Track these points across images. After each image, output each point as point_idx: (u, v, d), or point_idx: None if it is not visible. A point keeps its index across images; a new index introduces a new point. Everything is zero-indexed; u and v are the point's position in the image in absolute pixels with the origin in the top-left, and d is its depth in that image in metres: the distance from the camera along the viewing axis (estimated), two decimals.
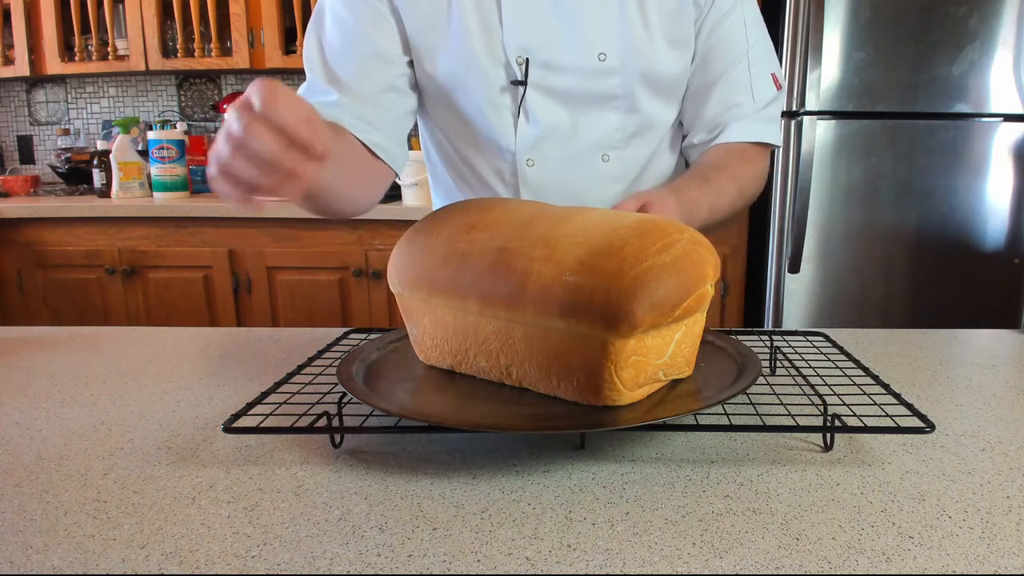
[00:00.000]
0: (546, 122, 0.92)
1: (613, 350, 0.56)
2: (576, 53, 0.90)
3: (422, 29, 0.91)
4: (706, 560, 0.43)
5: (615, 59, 0.90)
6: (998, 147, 2.04)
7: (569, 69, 0.90)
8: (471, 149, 0.98)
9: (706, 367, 0.68)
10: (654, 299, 0.56)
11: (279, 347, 0.90)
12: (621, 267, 0.56)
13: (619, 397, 0.59)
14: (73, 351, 0.90)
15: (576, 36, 0.89)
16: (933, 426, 0.56)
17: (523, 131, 0.93)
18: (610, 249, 0.57)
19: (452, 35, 0.90)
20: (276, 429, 0.59)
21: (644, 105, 0.94)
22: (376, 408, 0.58)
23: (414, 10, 0.90)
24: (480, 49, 0.89)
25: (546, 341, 0.60)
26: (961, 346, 0.91)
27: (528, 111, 0.92)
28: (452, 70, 0.92)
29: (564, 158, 0.94)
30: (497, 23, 0.89)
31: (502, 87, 0.92)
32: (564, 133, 0.93)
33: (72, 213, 2.34)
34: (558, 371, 0.60)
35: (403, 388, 0.67)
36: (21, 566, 0.44)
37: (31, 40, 2.65)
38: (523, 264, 0.60)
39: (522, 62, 0.89)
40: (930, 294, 2.12)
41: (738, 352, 0.71)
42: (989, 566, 0.43)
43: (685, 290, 0.58)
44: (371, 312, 2.31)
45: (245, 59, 2.56)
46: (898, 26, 1.96)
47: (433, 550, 0.45)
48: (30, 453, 0.60)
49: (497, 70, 0.91)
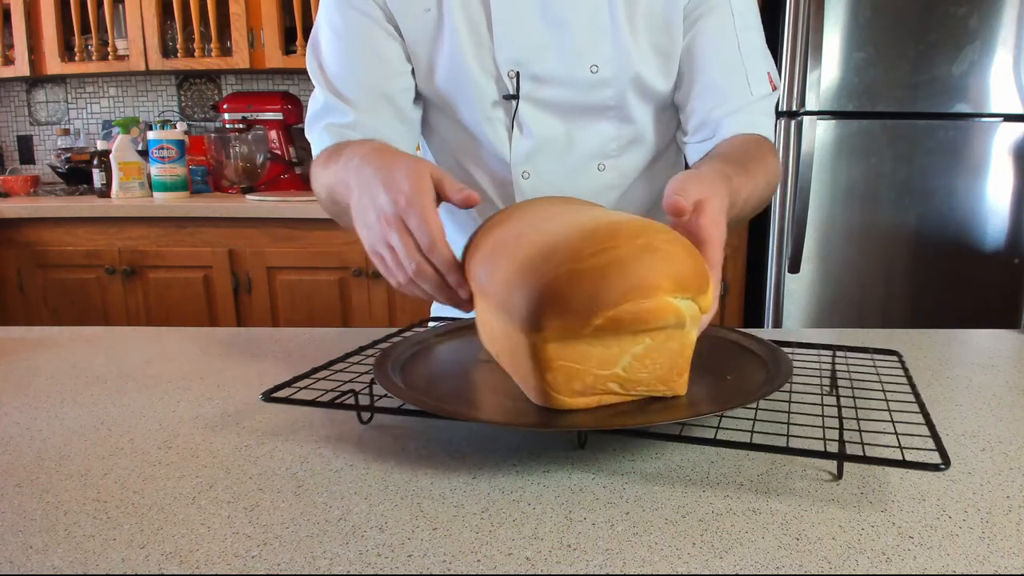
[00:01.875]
0: (540, 134, 0.92)
1: (534, 350, 0.55)
2: (568, 65, 0.89)
3: (415, 44, 0.91)
4: (706, 560, 0.43)
5: (607, 71, 0.89)
6: (998, 147, 2.04)
7: (561, 81, 0.90)
8: (469, 159, 0.98)
9: (737, 375, 0.67)
10: (565, 304, 0.52)
11: (279, 347, 0.90)
12: (545, 268, 0.54)
13: (557, 401, 0.57)
14: (73, 351, 0.90)
15: (567, 48, 0.88)
16: (948, 463, 0.50)
17: (518, 144, 0.93)
18: (551, 249, 0.55)
19: (444, 50, 0.90)
20: (307, 402, 0.63)
21: (637, 114, 0.93)
22: (389, 391, 0.61)
23: (408, 26, 0.90)
24: (472, 63, 0.89)
25: (504, 335, 0.61)
26: (961, 346, 0.90)
27: (522, 124, 0.92)
28: (446, 84, 0.92)
29: (559, 169, 0.94)
30: (488, 36, 0.88)
31: (494, 101, 0.91)
32: (559, 145, 0.93)
33: (72, 213, 2.34)
34: (513, 365, 0.62)
35: (429, 376, 0.69)
36: (21, 566, 0.44)
37: (31, 40, 2.65)
38: (497, 258, 0.61)
39: (513, 75, 0.89)
40: (930, 294, 2.12)
41: (774, 361, 0.67)
42: (989, 566, 0.43)
43: (609, 300, 0.52)
44: (371, 312, 2.31)
45: (245, 59, 2.56)
46: (898, 26, 1.97)
47: (433, 550, 0.45)
48: (30, 453, 0.60)
49: (489, 84, 0.90)
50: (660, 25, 0.89)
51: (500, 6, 0.87)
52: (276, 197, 2.39)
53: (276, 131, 2.71)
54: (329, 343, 0.92)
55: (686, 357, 0.59)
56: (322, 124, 0.93)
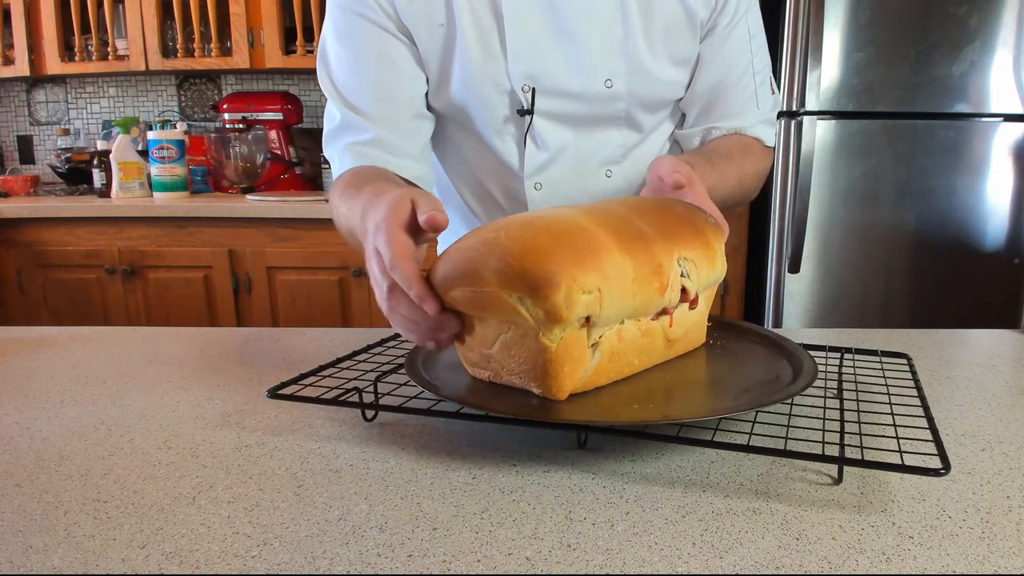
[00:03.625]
0: (555, 145, 0.92)
1: None
2: (582, 79, 0.88)
3: (427, 57, 0.90)
4: (706, 560, 0.43)
5: (621, 84, 0.89)
6: (998, 147, 2.04)
7: (575, 96, 0.89)
8: (480, 171, 0.98)
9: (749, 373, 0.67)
10: (436, 272, 0.62)
11: (279, 347, 0.90)
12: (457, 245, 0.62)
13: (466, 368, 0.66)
14: (73, 351, 0.90)
15: (582, 62, 0.88)
16: (948, 468, 0.50)
17: (532, 156, 0.92)
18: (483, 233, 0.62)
19: (456, 64, 0.89)
20: (312, 399, 0.64)
21: (645, 122, 0.94)
22: (411, 379, 0.64)
23: (420, 40, 0.89)
24: (484, 78, 0.88)
25: None
26: (961, 346, 0.91)
27: (536, 137, 0.91)
28: (457, 99, 0.91)
29: (570, 178, 0.94)
30: (500, 51, 0.87)
31: (506, 116, 0.91)
32: (570, 155, 0.93)
33: (72, 213, 2.34)
34: None
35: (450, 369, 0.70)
36: (21, 566, 0.44)
37: (31, 40, 2.65)
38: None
39: (528, 90, 0.88)
40: (930, 294, 2.12)
41: (793, 366, 0.67)
42: (989, 566, 0.43)
43: (445, 278, 0.60)
44: (371, 312, 2.31)
45: (245, 59, 2.56)
46: (898, 26, 1.97)
47: (433, 550, 0.45)
48: (30, 453, 0.60)
49: (501, 98, 0.89)
50: (678, 36, 0.89)
51: (514, 21, 0.86)
52: (276, 197, 2.39)
53: (276, 131, 2.71)
54: (329, 343, 0.92)
55: (550, 362, 0.58)
56: (343, 144, 0.91)
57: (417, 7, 0.88)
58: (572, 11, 0.86)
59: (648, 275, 0.61)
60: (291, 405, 0.69)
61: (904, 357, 0.77)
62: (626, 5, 0.86)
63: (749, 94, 0.95)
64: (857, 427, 0.60)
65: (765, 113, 0.97)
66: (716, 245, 0.69)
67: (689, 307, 0.68)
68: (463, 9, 0.86)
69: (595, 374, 0.62)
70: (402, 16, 0.88)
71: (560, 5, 0.86)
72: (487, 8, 0.87)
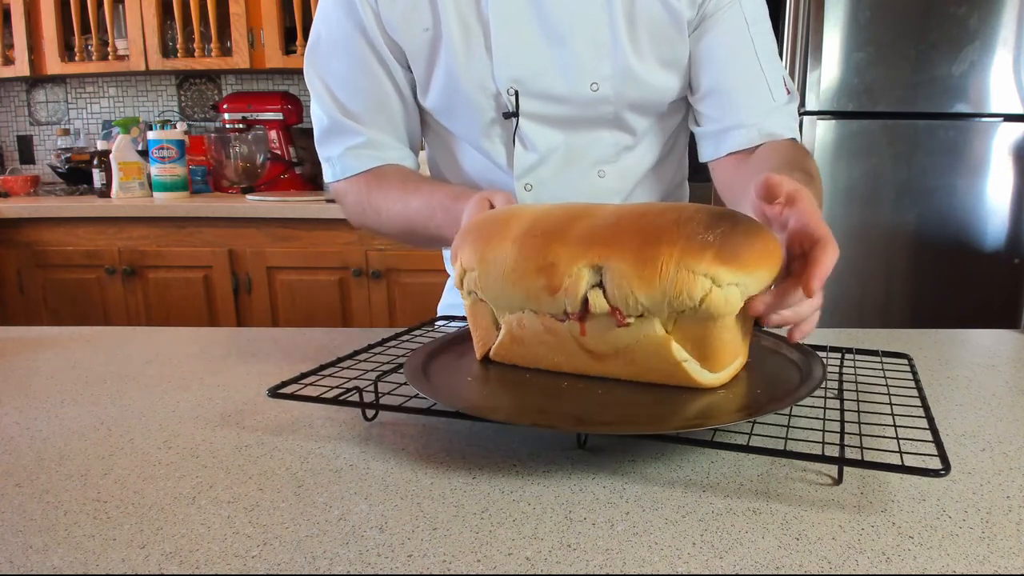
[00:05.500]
0: (543, 147, 0.92)
1: None
2: (568, 83, 0.88)
3: (413, 61, 0.91)
4: (706, 560, 0.43)
5: (607, 88, 0.88)
6: (998, 147, 2.04)
7: (560, 99, 0.89)
8: (471, 172, 0.98)
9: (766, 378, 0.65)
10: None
11: (279, 347, 0.90)
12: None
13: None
14: (73, 351, 0.90)
15: (568, 65, 0.87)
16: (948, 468, 0.50)
17: (520, 158, 0.92)
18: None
19: (441, 68, 0.89)
20: (312, 398, 0.64)
21: (636, 124, 0.93)
22: (411, 386, 0.63)
23: (406, 44, 0.90)
24: (470, 82, 0.88)
25: None
26: (961, 346, 0.90)
27: (524, 139, 0.91)
28: (443, 102, 0.92)
29: (561, 179, 0.94)
30: (486, 55, 0.87)
31: (492, 119, 0.91)
32: (560, 156, 0.93)
33: (72, 213, 2.35)
34: None
35: (462, 371, 0.70)
36: (21, 566, 0.44)
37: (31, 40, 2.65)
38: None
39: (512, 94, 0.88)
40: (930, 294, 2.12)
41: (807, 372, 0.65)
42: (989, 566, 0.43)
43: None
44: (371, 312, 2.31)
45: (245, 59, 2.56)
46: (898, 26, 1.97)
47: (433, 550, 0.45)
48: (30, 453, 0.60)
49: (487, 102, 0.90)
50: (664, 38, 0.88)
51: (500, 24, 0.86)
52: (276, 197, 2.39)
53: (276, 131, 2.71)
54: (329, 343, 0.92)
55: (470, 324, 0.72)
56: (341, 148, 0.94)
57: (401, 12, 0.88)
58: (558, 15, 0.86)
59: (531, 270, 0.61)
60: (291, 405, 0.69)
61: (905, 357, 0.77)
62: (612, 8, 0.86)
63: (760, 81, 0.89)
64: (857, 427, 0.60)
65: (784, 104, 0.90)
66: (701, 269, 0.56)
67: (616, 324, 0.60)
68: (449, 13, 0.87)
69: (505, 350, 0.68)
70: (386, 21, 0.89)
71: (546, 9, 0.86)
72: (473, 12, 0.87)
